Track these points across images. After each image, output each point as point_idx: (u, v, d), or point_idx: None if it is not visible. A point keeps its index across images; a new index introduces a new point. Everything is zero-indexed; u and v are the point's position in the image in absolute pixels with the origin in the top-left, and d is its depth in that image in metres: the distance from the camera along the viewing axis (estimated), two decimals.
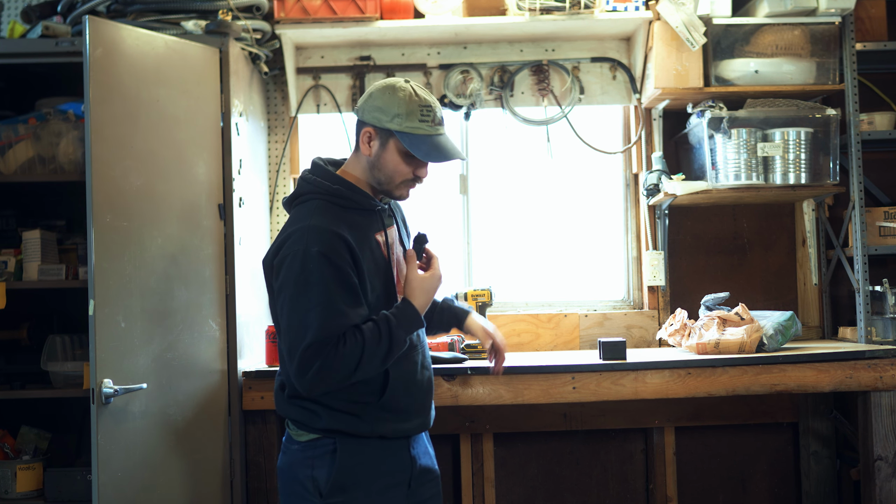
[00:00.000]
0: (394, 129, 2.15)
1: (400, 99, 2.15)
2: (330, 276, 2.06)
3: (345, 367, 2.05)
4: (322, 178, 2.21)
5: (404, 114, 2.14)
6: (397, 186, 2.22)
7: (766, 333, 3.10)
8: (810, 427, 3.57)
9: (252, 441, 3.00)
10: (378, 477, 2.20)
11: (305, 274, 2.06)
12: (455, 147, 2.22)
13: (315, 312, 2.04)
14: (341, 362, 2.04)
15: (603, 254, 3.77)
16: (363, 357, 2.05)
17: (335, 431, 2.17)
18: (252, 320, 3.16)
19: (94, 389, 2.50)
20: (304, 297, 2.06)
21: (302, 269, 2.06)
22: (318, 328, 2.03)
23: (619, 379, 2.95)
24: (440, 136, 2.19)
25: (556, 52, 3.62)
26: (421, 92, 2.18)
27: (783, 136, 3.28)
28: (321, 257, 2.06)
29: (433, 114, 2.17)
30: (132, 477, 2.61)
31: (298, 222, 2.14)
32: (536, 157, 3.72)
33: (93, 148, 2.57)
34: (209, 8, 3.08)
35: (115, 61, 2.67)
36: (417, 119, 2.15)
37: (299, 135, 3.67)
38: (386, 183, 2.21)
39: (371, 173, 2.22)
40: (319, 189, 2.19)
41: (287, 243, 2.11)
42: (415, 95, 2.16)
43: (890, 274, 3.49)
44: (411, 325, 2.14)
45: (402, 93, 2.16)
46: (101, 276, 2.55)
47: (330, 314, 2.04)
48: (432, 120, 2.17)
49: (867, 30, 3.61)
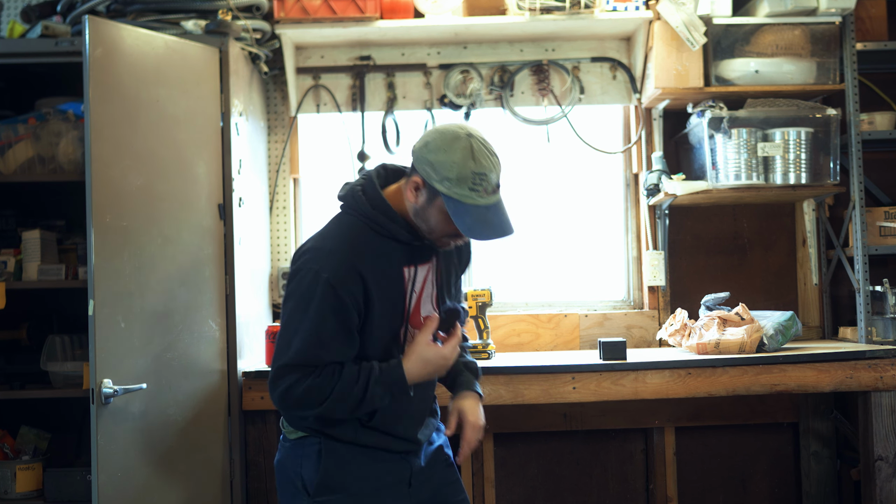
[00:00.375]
0: (441, 191, 2.00)
1: (453, 162, 1.98)
2: (328, 307, 2.02)
3: (310, 398, 2.03)
4: (369, 198, 2.11)
5: (454, 179, 1.98)
6: (438, 240, 2.10)
7: (766, 333, 3.10)
8: (810, 427, 3.57)
9: (252, 441, 3.00)
10: (367, 479, 2.18)
11: (308, 295, 2.04)
12: (504, 222, 2.04)
13: (301, 336, 2.03)
14: (308, 392, 2.03)
15: (603, 254, 3.77)
16: (332, 395, 2.03)
17: (320, 432, 2.16)
18: (252, 320, 3.16)
19: (93, 389, 2.50)
20: (297, 317, 2.05)
21: (306, 290, 2.04)
22: (297, 351, 2.03)
23: (620, 379, 2.95)
24: (490, 206, 2.01)
25: (556, 52, 3.62)
26: (479, 152, 2.00)
27: (783, 136, 3.28)
28: (327, 286, 2.02)
29: (486, 183, 1.99)
30: (132, 477, 2.61)
31: (326, 239, 2.11)
32: (536, 157, 3.72)
33: (92, 148, 2.56)
34: (209, 8, 3.08)
35: (115, 61, 2.66)
36: (468, 187, 1.98)
37: (299, 135, 3.67)
38: (427, 233, 2.10)
39: (414, 218, 2.09)
40: (360, 210, 2.11)
41: (306, 257, 2.08)
42: (471, 159, 1.98)
43: (890, 274, 3.49)
44: (392, 386, 2.07)
45: (459, 153, 1.99)
46: (101, 276, 2.55)
47: (314, 343, 2.03)
48: (484, 189, 1.99)
49: (867, 30, 3.61)
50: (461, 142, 2.01)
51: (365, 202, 2.11)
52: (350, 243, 2.08)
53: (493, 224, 2.02)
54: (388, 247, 2.11)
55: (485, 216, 2.01)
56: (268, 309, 3.48)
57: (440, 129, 2.06)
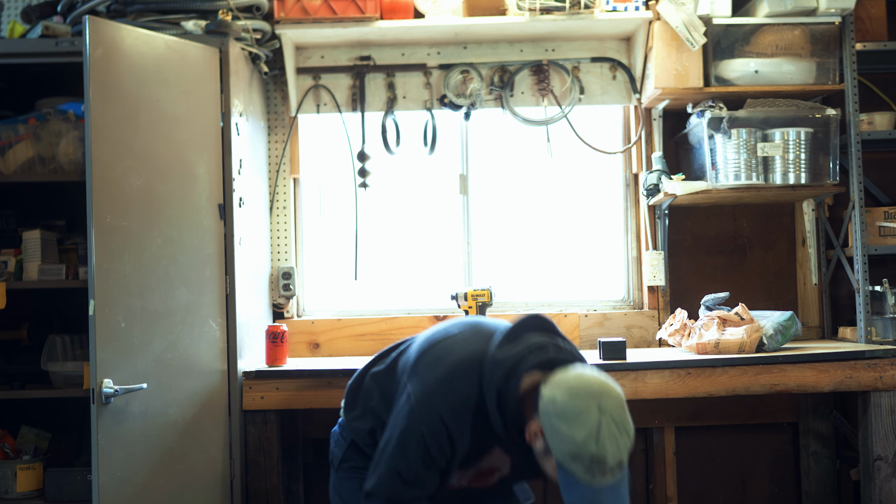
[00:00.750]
0: (558, 458, 1.92)
1: (574, 440, 1.88)
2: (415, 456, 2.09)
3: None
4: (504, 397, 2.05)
5: (570, 456, 1.89)
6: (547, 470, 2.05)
7: (765, 333, 3.10)
8: (810, 427, 3.57)
9: (252, 441, 3.00)
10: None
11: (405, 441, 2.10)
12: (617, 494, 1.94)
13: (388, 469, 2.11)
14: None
15: (603, 254, 3.77)
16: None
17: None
18: (252, 320, 3.16)
19: (94, 389, 2.50)
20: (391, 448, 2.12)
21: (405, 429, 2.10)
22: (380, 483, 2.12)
23: (619, 379, 2.95)
24: (603, 488, 1.91)
25: (556, 52, 3.62)
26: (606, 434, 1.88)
27: (783, 136, 3.28)
28: (421, 440, 2.08)
29: (603, 467, 1.88)
30: (132, 477, 2.61)
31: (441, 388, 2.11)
32: (536, 157, 3.72)
33: (93, 148, 2.57)
34: (209, 8, 3.08)
35: (115, 61, 2.67)
36: (583, 467, 1.89)
37: (299, 135, 3.67)
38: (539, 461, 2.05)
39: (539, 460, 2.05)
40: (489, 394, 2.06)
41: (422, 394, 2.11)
42: (593, 441, 1.87)
43: (890, 274, 3.49)
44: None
45: (583, 432, 1.88)
46: (101, 276, 2.55)
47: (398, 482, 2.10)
48: (600, 472, 1.89)
49: (867, 30, 3.61)
50: (590, 418, 1.89)
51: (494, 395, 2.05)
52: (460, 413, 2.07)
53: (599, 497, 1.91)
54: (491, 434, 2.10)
55: (595, 497, 1.91)
56: (268, 309, 3.48)
57: (574, 390, 1.93)
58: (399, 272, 3.74)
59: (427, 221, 3.75)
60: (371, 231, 3.70)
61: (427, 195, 3.73)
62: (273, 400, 2.99)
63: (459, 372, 2.11)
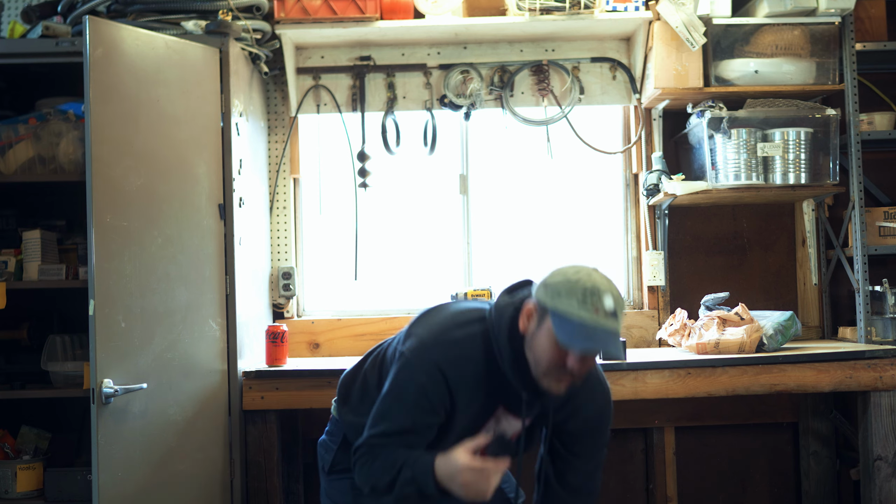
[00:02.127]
0: (549, 307, 1.97)
1: (568, 279, 1.97)
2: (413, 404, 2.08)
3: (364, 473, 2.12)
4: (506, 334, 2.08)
5: (565, 292, 1.95)
6: (544, 374, 2.01)
7: (765, 333, 3.10)
8: (810, 427, 3.57)
9: (252, 441, 3.00)
10: None
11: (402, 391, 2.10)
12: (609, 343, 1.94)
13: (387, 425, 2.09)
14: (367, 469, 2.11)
15: (603, 254, 3.77)
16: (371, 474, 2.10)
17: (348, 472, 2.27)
18: (252, 320, 3.16)
19: (94, 389, 2.50)
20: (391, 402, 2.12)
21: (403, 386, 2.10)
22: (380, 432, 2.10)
23: (619, 379, 2.95)
24: (599, 327, 1.93)
25: (556, 52, 3.62)
26: (599, 278, 1.97)
27: (783, 136, 3.28)
28: (419, 388, 2.07)
29: (598, 301, 1.92)
30: (132, 477, 2.61)
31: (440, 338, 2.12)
32: (536, 157, 3.72)
33: (93, 148, 2.57)
34: (209, 8, 3.08)
35: (115, 61, 2.67)
36: (576, 300, 1.93)
37: (299, 135, 3.67)
38: (534, 367, 2.03)
39: (527, 353, 2.04)
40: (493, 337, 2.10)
41: (417, 346, 2.12)
42: (587, 280, 1.95)
43: (890, 274, 3.49)
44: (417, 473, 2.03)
45: (577, 275, 1.97)
46: (101, 276, 2.55)
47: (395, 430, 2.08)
48: (594, 307, 1.92)
49: (867, 30, 3.61)
50: (581, 274, 1.98)
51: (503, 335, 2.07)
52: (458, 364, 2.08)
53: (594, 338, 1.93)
54: (498, 382, 2.09)
55: (590, 333, 1.92)
56: (268, 309, 3.48)
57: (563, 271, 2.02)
58: (399, 272, 3.74)
59: (427, 221, 3.75)
60: (371, 231, 3.70)
61: (427, 195, 3.73)
62: (273, 400, 2.99)
63: (457, 323, 2.14)
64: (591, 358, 2.01)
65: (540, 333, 1.99)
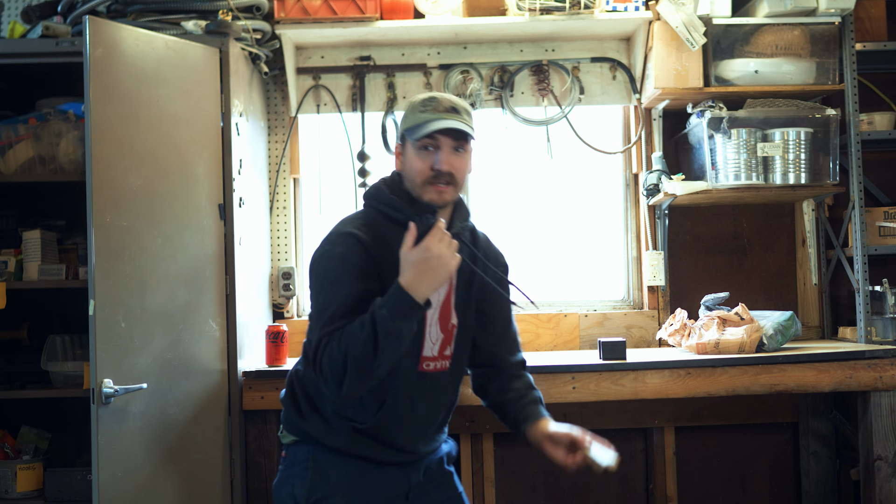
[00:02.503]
0: (402, 129, 2.18)
1: (409, 104, 2.19)
2: (343, 277, 2.05)
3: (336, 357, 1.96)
4: (388, 186, 2.22)
5: (409, 112, 2.17)
6: (422, 188, 2.13)
7: (765, 333, 3.10)
8: (810, 427, 3.57)
9: (252, 441, 3.00)
10: (360, 493, 2.16)
11: (325, 274, 2.10)
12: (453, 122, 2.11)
13: (326, 313, 2.04)
14: (336, 353, 1.97)
15: (603, 254, 3.77)
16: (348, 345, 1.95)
17: (311, 437, 2.16)
18: (252, 320, 3.16)
19: (94, 389, 2.50)
20: (319, 296, 2.09)
21: (324, 269, 2.10)
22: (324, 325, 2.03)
23: (619, 379, 2.95)
24: (441, 119, 2.11)
25: (556, 52, 3.62)
26: (436, 93, 2.21)
27: (783, 136, 3.28)
28: (342, 258, 2.07)
29: (435, 102, 2.13)
30: (132, 477, 2.61)
31: (337, 226, 2.19)
32: (536, 157, 3.72)
33: (93, 148, 2.57)
34: (209, 8, 3.08)
35: (115, 61, 2.67)
36: (419, 111, 2.14)
37: (299, 135, 3.67)
38: (413, 188, 2.16)
39: (406, 186, 2.19)
40: (379, 196, 2.21)
41: (322, 242, 2.17)
42: (422, 96, 2.19)
43: (890, 274, 3.49)
44: (396, 304, 1.95)
45: (413, 98, 2.21)
46: (101, 276, 2.56)
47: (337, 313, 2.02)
48: (433, 108, 2.12)
49: (867, 30, 3.61)
50: (414, 97, 2.22)
51: (384, 188, 2.21)
52: (363, 228, 2.13)
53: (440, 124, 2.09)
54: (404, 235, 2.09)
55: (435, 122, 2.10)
56: (268, 309, 3.48)
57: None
58: None
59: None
60: None
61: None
62: (273, 400, 2.98)
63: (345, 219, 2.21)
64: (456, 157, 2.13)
65: (406, 157, 2.17)
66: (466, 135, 2.14)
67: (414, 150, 2.14)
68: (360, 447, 2.15)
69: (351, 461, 2.16)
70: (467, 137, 2.15)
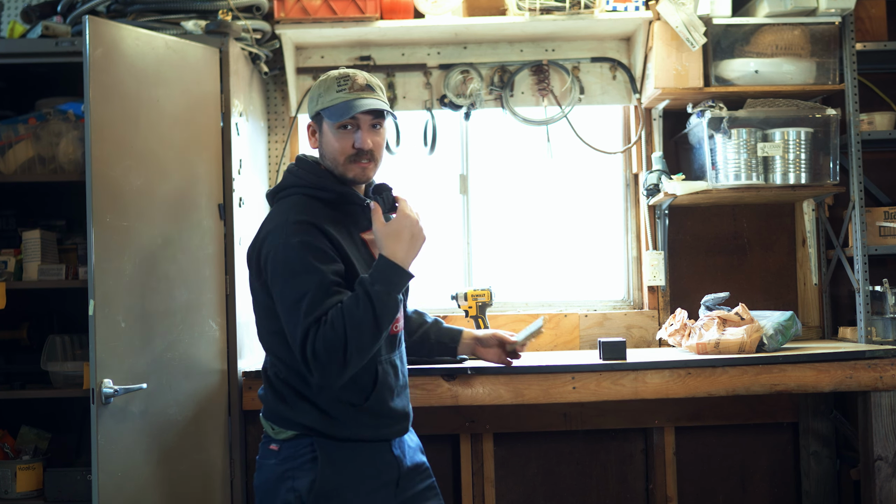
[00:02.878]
0: (319, 108, 2.19)
1: (321, 82, 2.22)
2: (311, 263, 2.04)
3: (335, 340, 1.96)
4: (307, 170, 2.22)
5: (324, 91, 2.19)
6: (345, 166, 2.19)
7: (766, 333, 3.10)
8: (810, 427, 3.57)
9: (252, 441, 3.00)
10: (364, 480, 2.18)
11: (291, 266, 2.05)
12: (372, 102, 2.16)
13: (304, 303, 2.01)
14: (326, 341, 1.97)
15: (603, 254, 3.77)
16: (346, 325, 1.96)
17: (313, 430, 2.14)
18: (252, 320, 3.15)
19: (94, 389, 2.50)
20: (291, 290, 2.05)
21: (287, 262, 2.06)
22: (305, 314, 2.01)
23: (619, 379, 2.95)
24: (360, 98, 2.16)
25: (556, 52, 3.62)
26: (346, 69, 2.25)
27: (783, 136, 3.28)
28: (302, 246, 2.05)
29: (350, 81, 2.17)
30: (132, 477, 2.61)
31: (277, 218, 2.15)
32: (536, 157, 3.72)
33: (93, 148, 2.57)
34: (209, 8, 3.08)
35: (115, 61, 2.67)
36: (335, 91, 2.17)
37: (299, 135, 3.67)
38: (335, 167, 2.20)
39: (326, 164, 2.23)
40: (303, 182, 2.21)
41: (267, 240, 2.12)
42: (335, 73, 2.21)
43: (890, 274, 3.49)
44: (389, 277, 2.01)
45: (325, 76, 2.22)
46: (101, 276, 2.55)
47: (316, 299, 2.01)
48: (350, 87, 2.16)
49: (867, 30, 3.61)
50: (324, 75, 2.23)
51: (306, 174, 2.21)
52: (304, 212, 2.12)
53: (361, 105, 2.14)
54: (340, 215, 2.18)
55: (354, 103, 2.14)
56: None
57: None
58: None
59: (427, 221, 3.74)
60: None
61: (427, 195, 3.73)
62: None
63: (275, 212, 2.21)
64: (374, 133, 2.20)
65: (324, 137, 2.20)
66: (383, 112, 2.19)
67: (332, 130, 2.18)
68: (364, 429, 2.16)
69: (356, 449, 2.17)
70: (384, 114, 2.20)
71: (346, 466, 2.15)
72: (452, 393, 2.91)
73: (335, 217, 2.16)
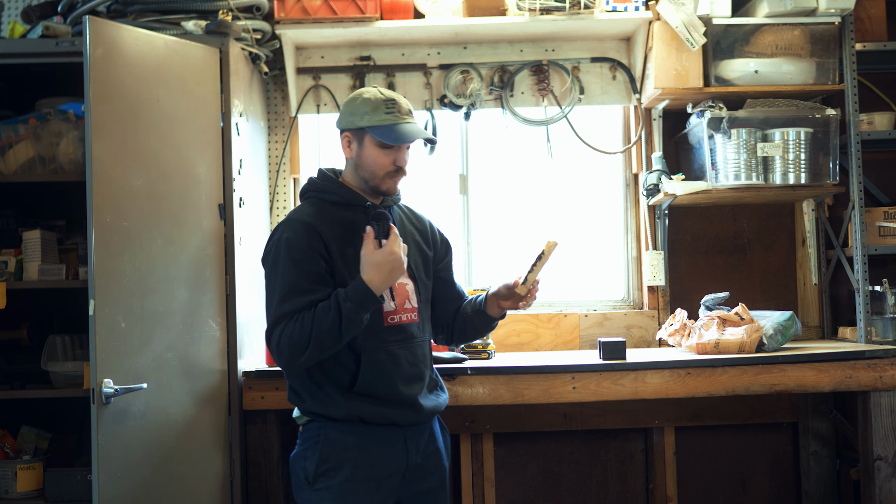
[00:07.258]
0: (365, 125, 2.34)
1: (366, 100, 2.36)
2: (293, 258, 2.26)
3: (296, 341, 2.19)
4: (320, 178, 2.44)
5: (371, 111, 2.34)
6: (382, 179, 2.38)
7: (765, 333, 3.10)
8: (810, 427, 3.57)
9: (252, 441, 3.00)
10: (362, 463, 2.28)
11: (275, 258, 2.30)
12: (420, 130, 2.39)
13: (278, 292, 2.26)
14: (292, 336, 2.20)
15: (603, 254, 3.78)
16: (313, 328, 2.18)
17: (318, 414, 2.32)
18: (252, 320, 3.16)
19: (94, 389, 2.50)
20: (271, 280, 2.30)
21: (274, 255, 2.30)
22: (278, 306, 2.25)
23: (619, 379, 2.95)
24: (407, 123, 2.36)
25: (556, 52, 3.62)
26: (385, 91, 2.39)
27: (783, 136, 3.28)
28: (288, 243, 2.27)
29: (397, 105, 2.35)
30: (132, 477, 2.61)
31: (287, 216, 2.39)
32: (536, 157, 3.72)
33: (93, 148, 2.57)
34: (209, 8, 3.08)
35: (116, 61, 2.67)
36: (383, 112, 2.34)
37: (299, 135, 3.67)
38: (370, 178, 2.38)
39: (357, 173, 2.40)
40: (315, 188, 2.43)
41: (270, 236, 2.36)
42: (379, 94, 2.36)
43: (890, 274, 3.49)
44: (361, 300, 2.20)
45: (368, 94, 2.37)
46: (101, 276, 2.56)
47: (289, 293, 2.23)
48: (397, 111, 2.35)
49: (867, 30, 3.61)
50: (367, 89, 2.40)
51: (318, 181, 2.43)
52: (307, 212, 2.36)
53: (413, 132, 2.36)
54: (349, 215, 2.36)
55: (405, 129, 2.35)
56: None
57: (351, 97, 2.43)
58: None
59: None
60: None
61: (427, 195, 3.73)
62: (273, 400, 2.99)
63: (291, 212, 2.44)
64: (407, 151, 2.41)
65: (364, 150, 2.37)
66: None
67: (375, 146, 2.35)
68: (360, 410, 2.29)
69: (356, 432, 2.30)
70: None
71: (346, 447, 2.29)
72: (452, 393, 2.92)
73: (342, 218, 2.36)
